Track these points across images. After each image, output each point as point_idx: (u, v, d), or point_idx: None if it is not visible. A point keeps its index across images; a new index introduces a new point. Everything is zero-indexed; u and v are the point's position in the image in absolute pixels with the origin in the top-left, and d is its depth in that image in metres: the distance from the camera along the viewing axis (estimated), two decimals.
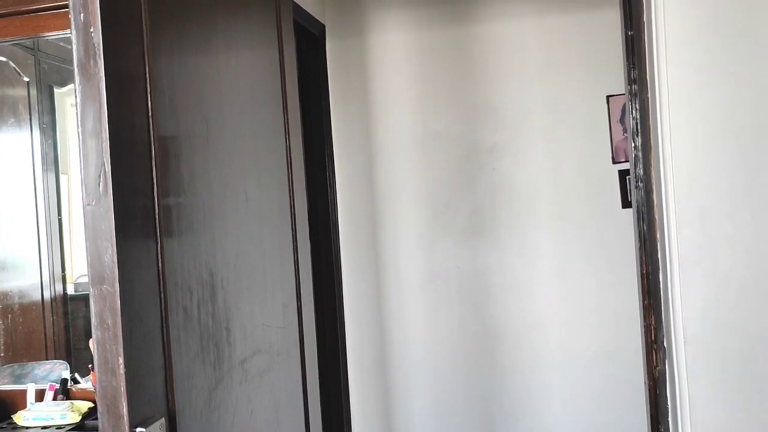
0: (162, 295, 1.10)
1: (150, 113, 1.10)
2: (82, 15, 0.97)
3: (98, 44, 0.97)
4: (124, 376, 0.97)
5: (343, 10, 3.15)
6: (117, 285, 0.97)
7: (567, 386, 2.98)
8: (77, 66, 0.97)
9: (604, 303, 2.93)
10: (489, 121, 3.02)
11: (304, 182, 1.89)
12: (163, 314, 1.10)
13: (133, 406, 0.98)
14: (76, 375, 2.00)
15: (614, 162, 2.88)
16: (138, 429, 0.99)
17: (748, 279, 1.56)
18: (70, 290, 2.50)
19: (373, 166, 3.15)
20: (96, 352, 0.98)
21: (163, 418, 1.06)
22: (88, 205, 0.97)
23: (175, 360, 1.12)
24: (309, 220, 2.96)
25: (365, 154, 3.15)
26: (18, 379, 2.12)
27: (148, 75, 1.10)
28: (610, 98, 2.87)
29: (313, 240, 3.01)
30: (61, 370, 2.08)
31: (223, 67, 1.45)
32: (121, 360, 0.97)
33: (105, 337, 0.97)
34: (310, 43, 3.06)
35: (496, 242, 3.04)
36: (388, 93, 3.11)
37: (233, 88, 1.49)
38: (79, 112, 0.97)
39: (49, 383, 1.94)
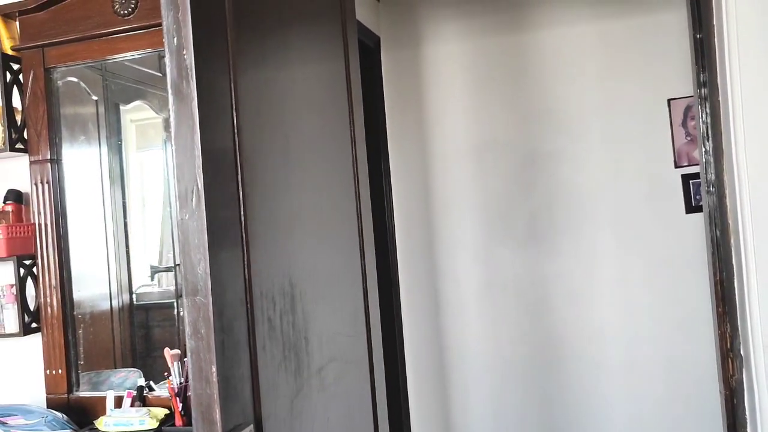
0: (248, 306, 1.13)
1: (235, 129, 1.14)
2: (175, 39, 1.02)
3: (191, 66, 1.01)
4: (217, 384, 1.00)
5: (397, 22, 3.18)
6: (210, 296, 1.00)
7: (629, 398, 2.92)
8: (171, 87, 1.02)
9: (667, 311, 2.87)
10: (546, 127, 3.00)
11: (369, 192, 1.92)
12: (250, 324, 1.13)
13: (226, 413, 1.02)
14: (151, 383, 2.07)
15: (677, 166, 2.83)
16: None
17: None
18: (136, 300, 2.59)
19: (429, 174, 3.16)
20: (190, 360, 1.02)
21: (252, 426, 1.09)
22: (182, 219, 1.01)
23: (261, 369, 1.15)
24: None
25: (421, 162, 3.17)
26: (95, 386, 2.20)
27: (233, 93, 1.14)
28: (671, 101, 2.82)
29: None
30: (135, 377, 2.16)
31: (297, 81, 1.50)
32: (214, 368, 1.01)
33: (199, 347, 1.01)
34: (365, 55, 3.09)
35: (555, 249, 3.01)
36: (442, 102, 3.12)
37: (306, 101, 1.53)
38: (173, 131, 1.01)
39: (126, 390, 2.01)
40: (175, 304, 2.49)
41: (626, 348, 2.93)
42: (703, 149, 1.74)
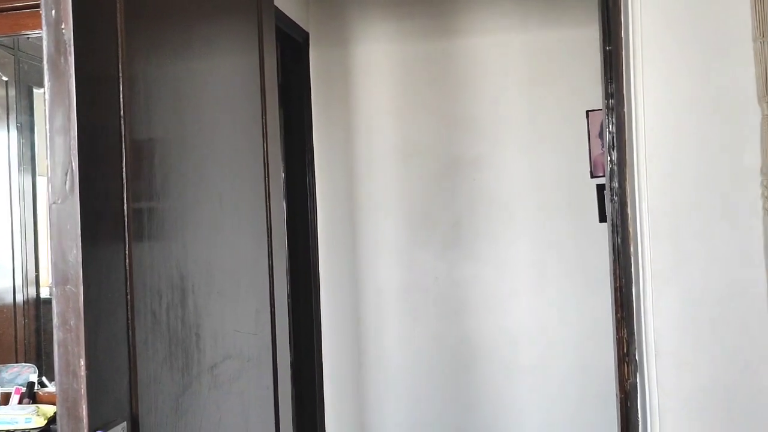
0: (129, 298, 1.08)
1: (122, 114, 1.09)
2: (53, 11, 0.96)
3: (69, 41, 0.96)
4: (85, 379, 0.95)
5: (327, 19, 3.16)
6: (81, 286, 0.95)
7: (542, 400, 2.98)
8: (47, 62, 0.96)
9: (580, 317, 2.94)
10: (470, 134, 3.03)
11: (282, 190, 1.89)
12: (130, 317, 1.08)
13: (94, 409, 0.96)
14: (44, 379, 1.96)
15: (593, 176, 2.91)
16: None
17: (719, 296, 1.57)
18: (44, 293, 2.47)
19: (354, 175, 3.15)
20: (57, 353, 0.96)
21: (126, 423, 1.04)
22: (54, 203, 0.96)
23: (141, 364, 1.10)
24: (288, 228, 2.95)
25: (346, 163, 3.15)
26: None
27: (121, 75, 1.09)
28: (589, 113, 2.90)
29: (292, 249, 3.00)
30: (29, 373, 2.05)
31: (202, 71, 1.45)
32: (82, 362, 0.95)
33: (67, 339, 0.96)
34: (293, 51, 3.06)
35: (475, 255, 3.04)
36: (370, 103, 3.12)
37: (212, 92, 1.48)
38: (47, 109, 0.96)
39: (15, 386, 1.90)
40: None
41: (541, 352, 2.99)
42: (609, 158, 1.78)
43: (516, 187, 3.00)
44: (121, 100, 1.09)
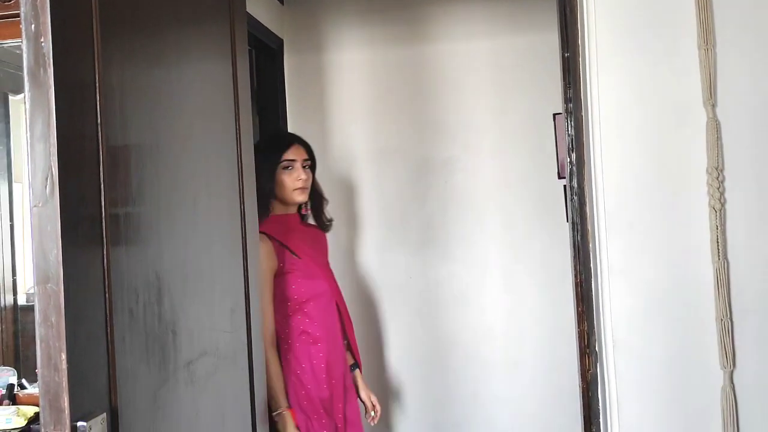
0: (107, 296, 1.14)
1: (99, 122, 1.15)
2: (33, 25, 1.02)
3: (48, 53, 1.01)
4: (66, 372, 1.00)
5: (301, 26, 3.23)
6: (61, 284, 1.01)
7: (514, 395, 3.06)
8: (27, 74, 1.02)
9: (550, 313, 3.04)
10: (441, 137, 3.12)
11: (256, 193, 1.95)
12: (108, 314, 1.14)
13: (75, 401, 1.02)
14: (24, 381, 2.00)
15: (560, 177, 3.00)
16: (79, 423, 1.02)
17: (669, 289, 1.66)
18: (22, 300, 2.50)
19: (328, 178, 3.21)
20: (39, 349, 1.01)
21: (105, 414, 1.09)
22: (35, 206, 1.01)
23: (119, 359, 1.16)
24: None
25: (321, 166, 3.20)
26: None
27: (98, 84, 1.14)
28: (556, 116, 3.00)
29: None
30: (8, 376, 2.08)
31: (175, 78, 1.50)
32: (63, 356, 1.01)
33: (48, 334, 1.01)
34: (268, 57, 3.12)
35: (448, 255, 3.12)
36: (344, 108, 3.19)
37: (185, 99, 1.54)
38: (28, 118, 1.01)
39: None
40: None
41: (511, 349, 3.08)
42: (569, 160, 1.87)
43: (487, 189, 3.09)
44: (98, 108, 1.15)
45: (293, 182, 2.24)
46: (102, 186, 1.14)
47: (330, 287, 2.28)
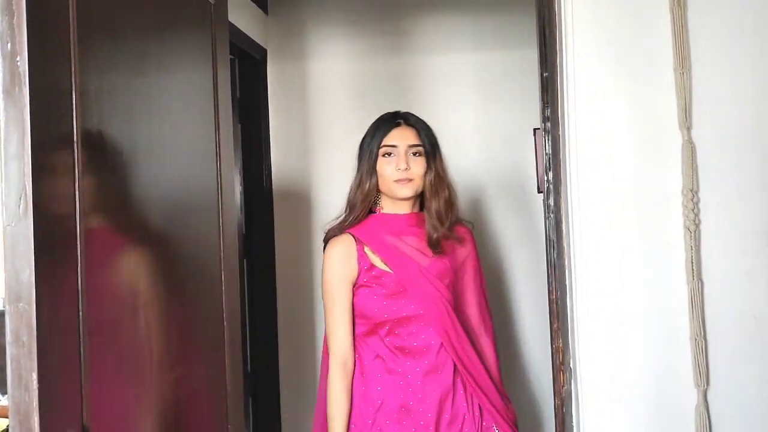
0: (80, 315, 1.13)
1: (76, 139, 1.14)
2: (9, 44, 1.01)
3: (24, 73, 1.01)
4: (36, 392, 1.00)
5: (285, 36, 3.23)
6: (33, 304, 1.00)
7: None
8: (2, 92, 1.01)
9: (529, 331, 3.06)
10: None
11: (237, 200, 1.95)
12: (82, 333, 1.13)
13: (45, 421, 1.02)
14: None
15: (539, 191, 3.03)
16: None
17: (645, 308, 1.69)
18: None
19: (312, 187, 3.21)
20: (10, 368, 1.01)
21: None
22: (8, 225, 1.01)
23: (93, 377, 1.15)
24: (246, 238, 3.01)
25: (304, 173, 3.21)
26: None
27: (75, 101, 1.14)
28: (536, 131, 3.02)
29: (250, 258, 3.06)
30: None
31: (156, 88, 1.50)
32: (34, 375, 1.00)
33: (20, 354, 1.01)
34: (251, 67, 3.12)
35: None
36: (326, 118, 3.19)
37: (165, 110, 1.54)
38: (2, 136, 1.01)
39: None
40: None
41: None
42: (546, 178, 1.89)
43: (468, 203, 3.10)
44: (75, 124, 1.14)
45: (392, 173, 1.89)
46: (77, 203, 1.13)
47: (429, 311, 1.85)
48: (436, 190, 1.93)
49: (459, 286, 1.97)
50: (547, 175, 1.89)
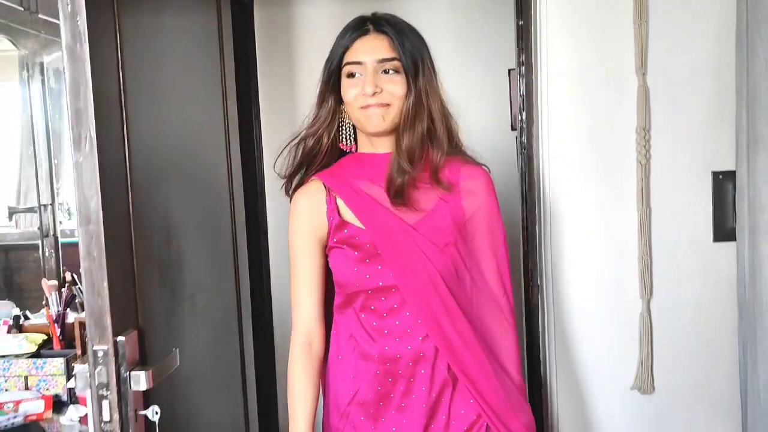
0: (131, 236, 1.36)
1: (121, 84, 1.34)
2: (69, 6, 1.19)
3: (83, 31, 1.19)
4: (108, 297, 1.23)
5: None
6: (101, 224, 1.22)
7: None
8: (66, 49, 1.20)
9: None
10: None
11: (239, 147, 2.16)
12: (133, 251, 1.36)
13: (114, 320, 1.25)
14: (27, 312, 2.20)
15: (512, 129, 3.26)
16: (118, 338, 1.26)
17: (603, 231, 1.95)
18: (9, 240, 2.61)
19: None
20: (85, 278, 1.23)
21: (136, 331, 1.33)
22: (77, 161, 1.21)
23: (142, 288, 1.39)
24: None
25: (292, 121, 3.37)
26: None
27: (119, 53, 1.33)
28: (511, 72, 3.22)
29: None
30: (9, 308, 2.27)
31: (173, 41, 1.69)
32: (105, 284, 1.23)
33: (92, 267, 1.23)
34: (238, 11, 3.22)
35: None
36: (313, 62, 3.30)
37: (181, 59, 1.73)
38: (69, 87, 1.20)
39: (2, 319, 2.14)
40: (40, 244, 2.53)
41: None
42: (520, 118, 2.12)
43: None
44: (120, 75, 1.34)
45: (357, 98, 1.43)
46: (126, 146, 1.34)
47: (407, 282, 1.39)
48: (413, 120, 1.44)
49: (466, 250, 1.49)
50: (521, 114, 2.11)
